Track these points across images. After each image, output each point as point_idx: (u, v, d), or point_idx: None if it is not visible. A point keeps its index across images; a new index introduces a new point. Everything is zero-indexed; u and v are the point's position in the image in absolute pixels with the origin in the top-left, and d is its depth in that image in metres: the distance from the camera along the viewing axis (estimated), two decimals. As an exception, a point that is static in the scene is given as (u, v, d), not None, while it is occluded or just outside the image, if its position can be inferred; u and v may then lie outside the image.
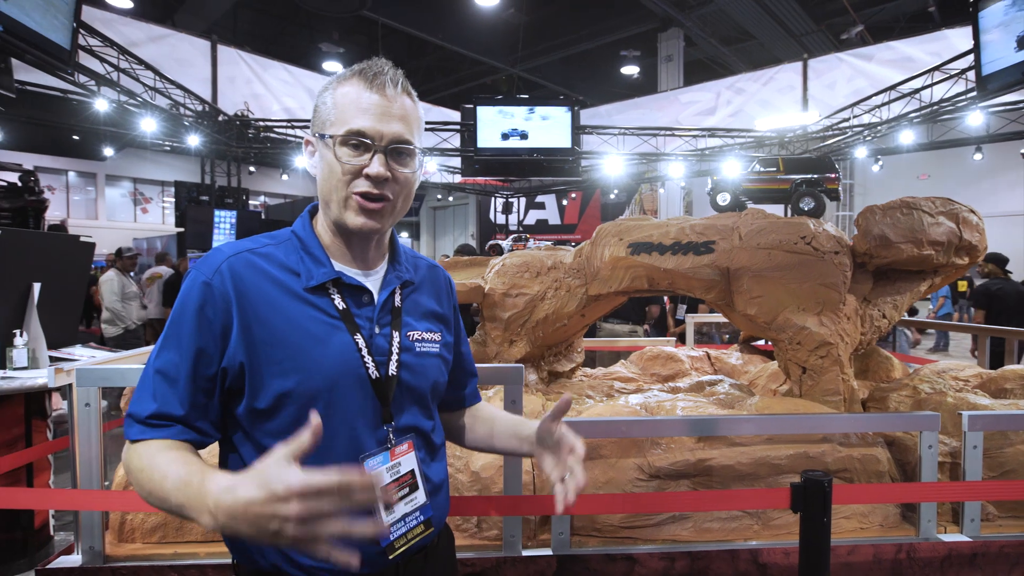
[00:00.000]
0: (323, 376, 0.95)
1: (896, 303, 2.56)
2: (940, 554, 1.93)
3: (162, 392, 0.92)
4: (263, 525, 0.70)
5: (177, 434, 0.92)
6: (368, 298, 1.03)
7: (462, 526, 1.91)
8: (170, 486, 0.81)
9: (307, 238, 1.03)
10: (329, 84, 1.03)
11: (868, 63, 10.23)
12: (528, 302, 2.82)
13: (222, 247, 1.00)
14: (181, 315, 0.95)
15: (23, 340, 2.77)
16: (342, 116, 0.98)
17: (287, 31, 15.64)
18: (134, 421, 0.93)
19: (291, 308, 0.97)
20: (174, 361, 0.93)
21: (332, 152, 0.97)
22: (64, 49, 5.63)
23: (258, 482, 0.71)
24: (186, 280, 0.98)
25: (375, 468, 0.98)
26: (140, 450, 0.90)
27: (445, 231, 26.16)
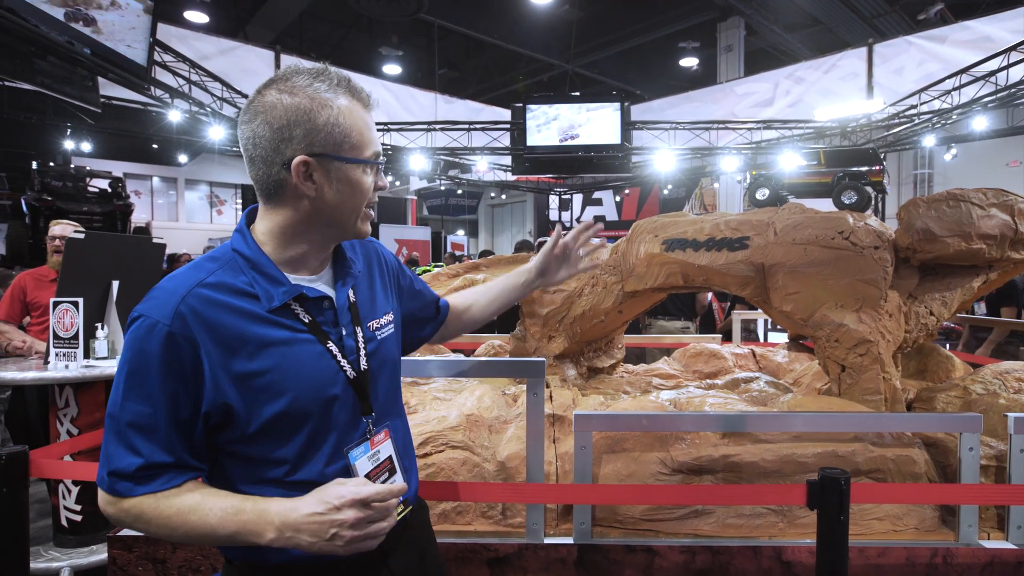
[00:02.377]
0: (311, 390, 0.98)
1: (945, 300, 2.45)
2: (981, 560, 1.85)
3: (142, 444, 0.92)
4: (323, 533, 0.90)
5: (174, 479, 0.94)
6: (328, 303, 1.06)
7: (488, 513, 1.99)
8: (215, 521, 0.91)
9: (255, 256, 1.01)
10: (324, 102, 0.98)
11: (941, 45, 9.53)
12: (565, 298, 2.87)
13: (168, 284, 0.96)
14: (143, 365, 0.91)
15: (104, 333, 3.05)
16: (361, 138, 1.00)
17: (348, 37, 16.20)
18: (119, 479, 0.92)
19: (260, 333, 0.96)
20: (146, 412, 0.92)
21: (359, 176, 1.01)
22: (141, 66, 6.14)
23: (317, 499, 0.92)
24: (138, 326, 0.93)
25: (358, 458, 1.04)
26: (148, 503, 0.92)
27: (503, 228, 26.39)
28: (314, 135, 0.97)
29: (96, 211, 9.97)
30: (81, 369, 2.78)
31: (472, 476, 2.01)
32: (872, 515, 1.95)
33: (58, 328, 2.88)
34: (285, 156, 0.97)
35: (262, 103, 0.98)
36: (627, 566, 1.85)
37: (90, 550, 2.93)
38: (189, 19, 11.47)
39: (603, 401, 2.46)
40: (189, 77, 8.49)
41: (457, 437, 2.08)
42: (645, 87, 16.74)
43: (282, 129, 0.96)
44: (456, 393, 2.47)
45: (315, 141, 0.97)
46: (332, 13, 14.75)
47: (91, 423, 3.01)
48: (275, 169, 0.98)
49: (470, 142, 12.24)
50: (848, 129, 10.34)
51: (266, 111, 0.97)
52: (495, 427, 2.18)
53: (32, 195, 9.47)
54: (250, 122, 0.98)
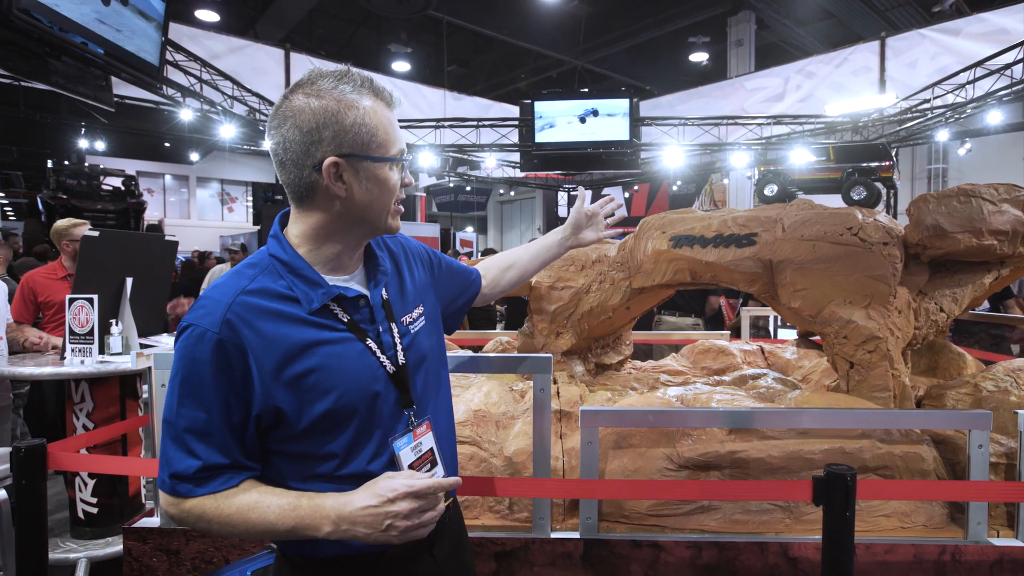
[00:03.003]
0: (355, 387, 1.02)
1: (956, 296, 2.44)
2: (990, 558, 1.85)
3: (199, 448, 0.96)
4: (378, 524, 0.94)
5: (231, 479, 0.98)
6: (364, 302, 1.09)
7: (495, 507, 2.01)
8: (273, 517, 0.95)
9: (292, 260, 1.04)
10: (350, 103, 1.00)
11: (955, 38, 9.35)
12: (573, 295, 2.88)
13: (214, 294, 1.00)
14: (195, 373, 0.96)
15: (118, 329, 3.10)
16: (387, 137, 1.03)
17: (358, 34, 16.25)
18: (180, 480, 0.97)
19: (303, 335, 1.00)
20: (201, 418, 0.96)
21: (388, 174, 1.05)
22: (153, 66, 6.21)
23: (371, 492, 0.96)
24: (188, 335, 0.97)
25: (402, 448, 1.07)
26: (208, 502, 0.97)
27: (512, 225, 26.39)
28: (342, 136, 1.00)
29: (110, 209, 10.11)
30: (96, 364, 2.83)
31: (479, 471, 2.03)
32: (880, 512, 1.95)
33: (74, 324, 2.93)
34: (315, 158, 1.00)
35: (290, 108, 1.00)
36: (633, 561, 1.86)
37: (106, 542, 2.99)
38: (200, 18, 11.55)
39: (610, 397, 2.47)
40: (200, 76, 8.56)
41: (464, 432, 2.09)
42: (655, 83, 16.64)
43: (311, 132, 0.99)
44: (464, 389, 2.49)
45: (344, 142, 1.00)
46: (341, 10, 14.80)
47: (106, 417, 3.06)
48: (306, 172, 1.01)
49: (479, 139, 12.24)
50: (860, 124, 10.21)
51: (295, 115, 0.99)
52: (502, 423, 2.19)
53: (47, 193, 9.61)
54: (279, 127, 1.01)
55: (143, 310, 3.31)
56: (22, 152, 17.31)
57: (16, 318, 3.55)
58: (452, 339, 3.94)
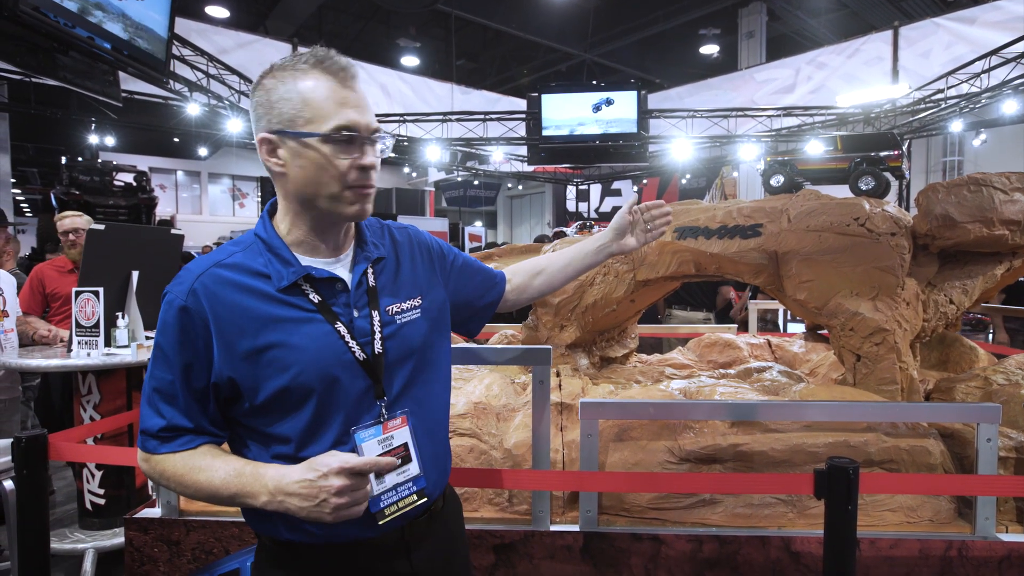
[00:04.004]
0: (313, 367, 1.01)
1: (966, 288, 2.38)
2: (998, 554, 1.81)
3: (164, 408, 1.01)
4: (311, 498, 0.94)
5: (192, 441, 1.02)
6: (341, 285, 1.07)
7: (495, 500, 2.00)
8: (219, 481, 0.98)
9: (270, 239, 1.06)
10: (280, 78, 1.00)
11: (970, 27, 9.16)
12: (577, 287, 2.86)
13: (191, 265, 1.04)
14: (164, 337, 1.01)
15: (124, 322, 3.11)
16: (320, 112, 0.98)
17: (367, 29, 16.25)
18: (148, 436, 1.03)
19: (268, 311, 1.01)
20: (167, 379, 1.01)
21: (319, 151, 0.99)
22: (160, 60, 6.23)
23: (307, 466, 0.96)
24: (164, 302, 1.03)
25: (366, 440, 1.04)
26: (169, 461, 1.02)
27: (521, 220, 26.33)
28: (271, 112, 1.01)
29: (122, 204, 10.19)
30: (102, 357, 2.84)
31: (479, 463, 2.02)
32: (885, 506, 1.92)
33: (80, 317, 2.95)
34: (257, 136, 1.03)
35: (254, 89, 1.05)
36: (633, 554, 1.85)
37: (113, 532, 3.01)
38: (210, 14, 11.60)
39: (612, 390, 2.45)
40: (207, 71, 8.59)
41: (464, 424, 2.08)
42: (664, 76, 16.51)
43: (255, 109, 1.04)
44: (465, 382, 2.47)
45: (272, 118, 1.01)
46: (350, 5, 14.79)
47: (113, 410, 3.08)
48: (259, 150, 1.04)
49: (486, 132, 12.20)
50: (872, 115, 10.05)
51: (253, 95, 1.05)
52: (503, 415, 2.18)
53: (60, 189, 9.70)
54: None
55: (149, 303, 3.33)
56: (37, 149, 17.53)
57: (25, 309, 3.59)
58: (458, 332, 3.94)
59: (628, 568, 1.85)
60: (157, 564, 1.95)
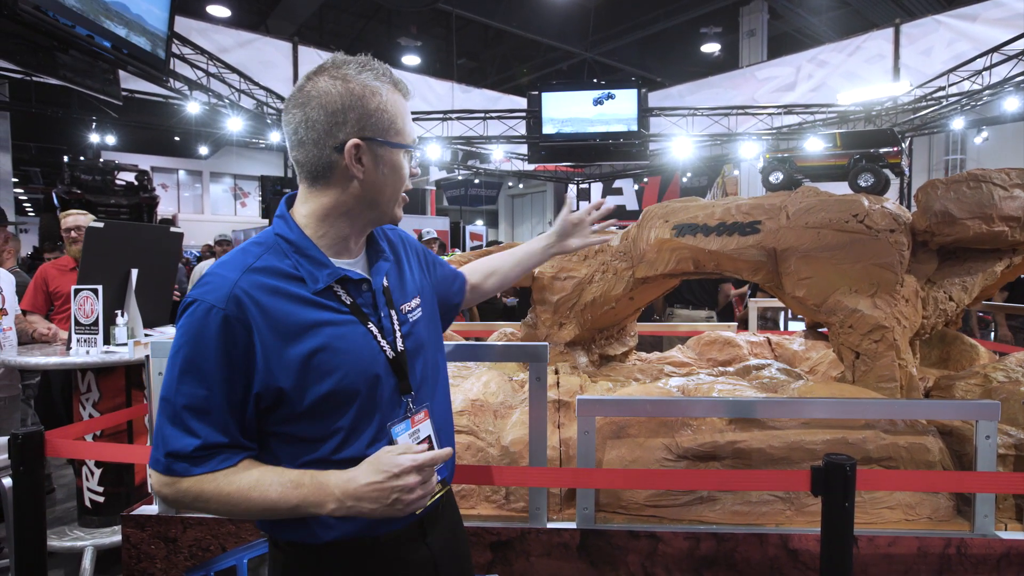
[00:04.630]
0: (358, 369, 1.03)
1: (966, 284, 2.37)
2: (996, 552, 1.80)
3: (198, 426, 0.96)
4: (384, 499, 0.95)
5: (230, 458, 0.98)
6: (366, 286, 1.10)
7: (491, 497, 2.00)
8: (276, 495, 0.95)
9: (299, 240, 1.05)
10: (374, 90, 1.05)
11: (972, 24, 9.11)
12: (576, 285, 2.86)
13: (220, 270, 1.01)
14: (199, 349, 0.96)
15: (123, 320, 3.12)
16: (404, 125, 1.08)
17: (368, 28, 16.25)
18: (176, 459, 0.96)
19: (308, 315, 1.01)
20: (200, 395, 0.96)
21: (402, 162, 1.09)
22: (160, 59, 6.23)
23: (375, 468, 0.96)
24: (193, 310, 0.97)
25: (399, 435, 1.08)
26: (207, 482, 0.96)
27: (523, 219, 26.32)
28: (366, 120, 1.04)
29: (123, 203, 10.21)
30: (101, 355, 2.84)
31: (476, 460, 2.01)
32: (883, 504, 1.91)
33: (79, 315, 2.95)
34: (338, 139, 1.03)
35: (316, 89, 1.03)
36: (630, 552, 1.84)
37: (112, 530, 3.02)
38: (211, 13, 11.61)
39: (611, 387, 2.45)
40: (207, 69, 8.59)
41: (462, 422, 2.08)
42: (665, 74, 16.49)
43: (336, 113, 1.02)
44: (463, 379, 2.47)
45: (367, 126, 1.04)
46: (351, 4, 14.80)
47: (112, 407, 3.09)
48: (327, 152, 1.03)
49: (486, 131, 12.20)
50: (873, 113, 10.02)
51: (320, 96, 1.02)
52: (500, 412, 2.18)
53: (62, 188, 9.72)
54: (303, 106, 1.03)
55: (148, 301, 3.33)
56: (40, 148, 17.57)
57: (30, 308, 3.60)
58: (457, 330, 3.93)
59: (625, 566, 1.84)
60: (154, 561, 1.95)
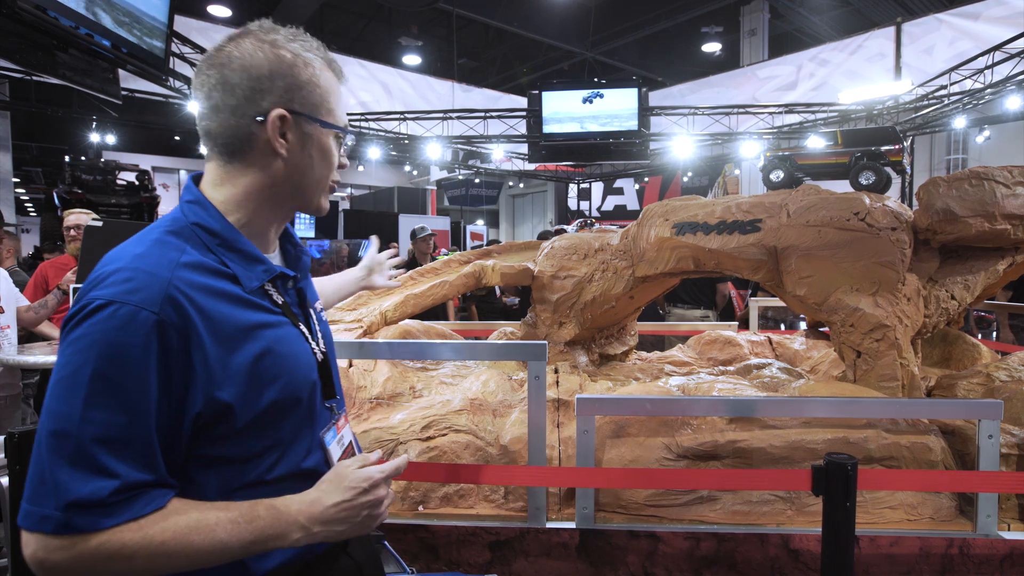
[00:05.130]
0: (298, 376, 0.93)
1: (968, 283, 2.36)
2: (1000, 552, 1.79)
3: (114, 463, 0.76)
4: (354, 517, 0.88)
5: (157, 499, 0.79)
6: (292, 283, 1.00)
7: (490, 496, 1.99)
8: (225, 535, 0.80)
9: (225, 231, 0.90)
10: (307, 61, 0.93)
11: (974, 22, 9.08)
12: (576, 284, 2.84)
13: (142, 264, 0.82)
14: (117, 364, 0.76)
15: (122, 319, 3.10)
16: (337, 108, 0.97)
17: (368, 27, 16.24)
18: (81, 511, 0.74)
19: (246, 317, 0.88)
20: (119, 422, 0.76)
21: (330, 144, 0.96)
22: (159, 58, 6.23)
23: (337, 485, 0.89)
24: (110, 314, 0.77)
25: (330, 443, 1.00)
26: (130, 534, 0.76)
27: (524, 219, 26.30)
28: (295, 91, 0.91)
29: (124, 203, 10.22)
30: (99, 354, 2.83)
31: (475, 460, 2.00)
32: (885, 504, 1.89)
33: (77, 314, 2.94)
34: (261, 107, 0.89)
35: (239, 49, 0.90)
36: (630, 552, 1.83)
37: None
38: (212, 13, 11.61)
39: (611, 387, 2.43)
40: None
41: (461, 421, 2.07)
42: (666, 74, 16.47)
43: (261, 79, 0.89)
44: (462, 378, 2.46)
45: (296, 98, 0.91)
46: (352, 4, 14.80)
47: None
48: (245, 121, 0.90)
49: (487, 130, 12.19)
50: (874, 112, 9.99)
51: (243, 57, 0.89)
52: (499, 411, 2.16)
53: (63, 188, 9.73)
54: (222, 67, 0.89)
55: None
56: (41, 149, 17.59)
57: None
58: (457, 329, 3.92)
59: (625, 566, 1.83)
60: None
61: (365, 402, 2.21)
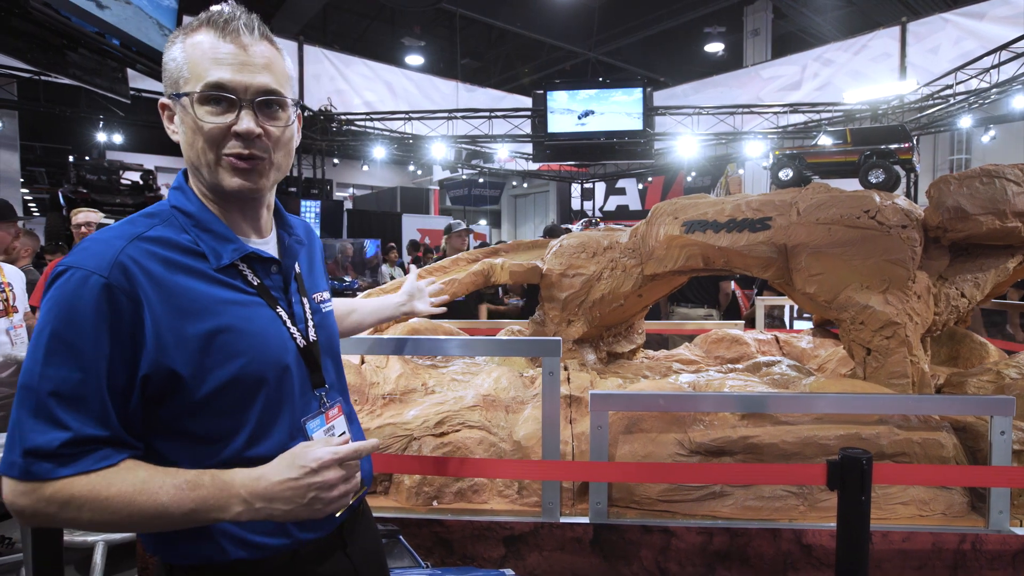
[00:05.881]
0: (265, 355, 0.93)
1: (978, 281, 2.37)
2: (1012, 548, 1.80)
3: (67, 416, 0.80)
4: (299, 498, 0.85)
5: (110, 456, 0.83)
6: (276, 268, 1.01)
7: (504, 491, 2.00)
8: (167, 499, 0.81)
9: (198, 212, 0.94)
10: (175, 37, 0.93)
11: (979, 22, 9.09)
12: (584, 282, 2.86)
13: (102, 236, 0.88)
14: (71, 324, 0.81)
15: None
16: (196, 70, 0.89)
17: (372, 28, 16.27)
18: (38, 458, 0.79)
19: (210, 292, 0.90)
20: (73, 378, 0.81)
21: (191, 113, 0.90)
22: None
23: (288, 463, 0.86)
24: (67, 279, 0.82)
25: (315, 431, 0.99)
26: (78, 485, 0.80)
27: (526, 218, 26.31)
28: (165, 75, 0.94)
29: (128, 203, 10.26)
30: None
31: (488, 455, 2.01)
32: (897, 499, 1.90)
33: (89, 311, 2.96)
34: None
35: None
36: (643, 546, 1.84)
37: (122, 526, 3.03)
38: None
39: (621, 383, 2.45)
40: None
41: (474, 417, 2.08)
42: (670, 74, 16.48)
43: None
44: (473, 375, 2.47)
45: (166, 80, 0.94)
46: (355, 4, 14.82)
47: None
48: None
49: (491, 130, 12.21)
50: (879, 111, 10.00)
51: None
52: (512, 407, 2.18)
53: (68, 188, 9.77)
54: None
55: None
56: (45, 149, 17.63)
57: (36, 304, 3.61)
58: (463, 327, 3.94)
59: (639, 560, 1.84)
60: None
61: (378, 398, 2.23)
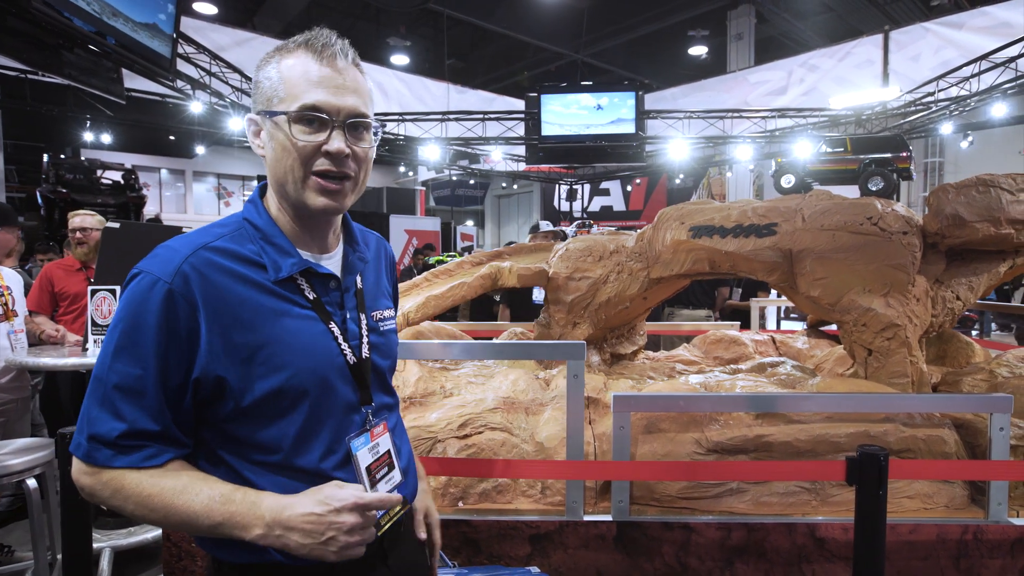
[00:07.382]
0: (309, 368, 0.95)
1: (972, 284, 2.48)
2: (1010, 537, 1.91)
3: (128, 409, 0.87)
4: (317, 535, 0.86)
5: (158, 455, 0.89)
6: (335, 283, 1.03)
7: (527, 492, 2.05)
8: (200, 507, 0.86)
9: (266, 226, 0.98)
10: (271, 57, 0.97)
11: (958, 32, 9.40)
12: (591, 285, 2.92)
13: (173, 243, 0.93)
14: (137, 324, 0.88)
15: (139, 320, 3.11)
16: (292, 91, 0.93)
17: (356, 27, 16.17)
18: (99, 445, 0.87)
19: (264, 304, 0.93)
20: (134, 374, 0.87)
21: (285, 131, 0.93)
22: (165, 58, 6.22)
23: (315, 499, 0.88)
24: (137, 282, 0.89)
25: (359, 448, 1.01)
26: (128, 477, 0.87)
27: (509, 219, 26.37)
28: (258, 93, 0.98)
29: (110, 203, 10.04)
30: (120, 355, 2.84)
31: (511, 456, 2.06)
32: (903, 494, 2.00)
33: (96, 315, 2.95)
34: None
35: None
36: (665, 542, 1.91)
37: (128, 531, 3.01)
38: (198, 10, 11.49)
39: (633, 385, 2.51)
40: (210, 69, 8.54)
41: (496, 419, 2.13)
42: (654, 76, 16.65)
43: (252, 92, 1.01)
44: (488, 378, 2.52)
45: (258, 98, 0.98)
46: (340, 3, 14.74)
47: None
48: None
49: (484, 132, 12.25)
50: (863, 117, 10.26)
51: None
52: (531, 409, 2.23)
53: (47, 187, 9.54)
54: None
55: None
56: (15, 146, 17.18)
57: (36, 308, 3.57)
58: (466, 330, 3.98)
59: (660, 556, 1.91)
60: (195, 559, 1.97)
61: (400, 401, 2.26)
